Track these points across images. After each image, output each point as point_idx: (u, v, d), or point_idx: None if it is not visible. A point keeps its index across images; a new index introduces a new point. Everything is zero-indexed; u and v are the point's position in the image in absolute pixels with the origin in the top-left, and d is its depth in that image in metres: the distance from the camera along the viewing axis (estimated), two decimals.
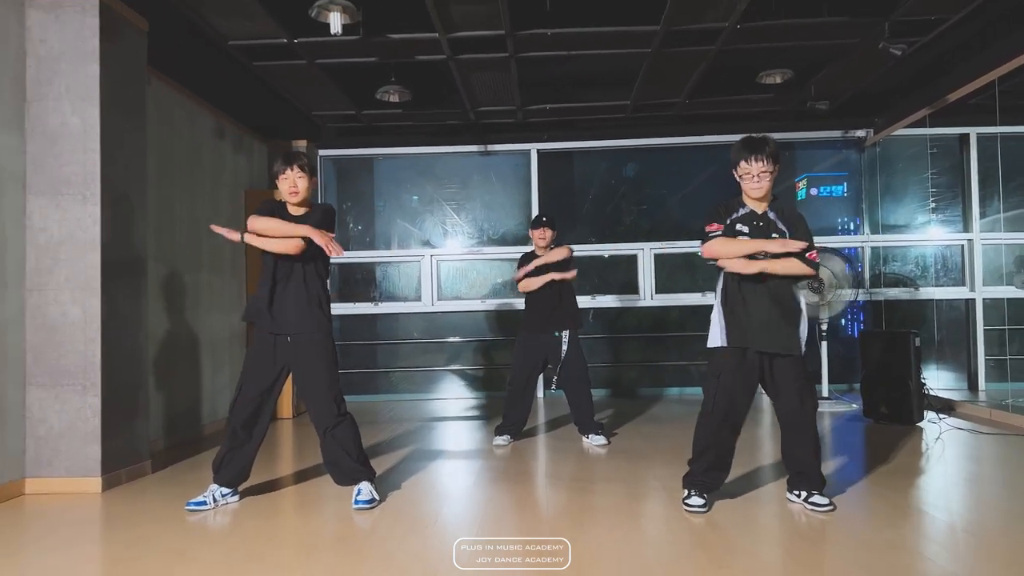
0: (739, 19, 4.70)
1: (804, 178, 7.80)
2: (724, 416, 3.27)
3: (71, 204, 3.94)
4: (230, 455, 3.55)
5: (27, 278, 3.92)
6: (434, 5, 4.42)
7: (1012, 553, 2.75)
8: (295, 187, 3.54)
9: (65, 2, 3.96)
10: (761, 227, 3.27)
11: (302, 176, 3.55)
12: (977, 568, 2.61)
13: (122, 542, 3.12)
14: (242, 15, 4.54)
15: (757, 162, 3.21)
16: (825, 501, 3.23)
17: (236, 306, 6.34)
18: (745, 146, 3.26)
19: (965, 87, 5.65)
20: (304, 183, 3.56)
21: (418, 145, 7.69)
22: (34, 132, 3.95)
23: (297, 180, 3.53)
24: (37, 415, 3.90)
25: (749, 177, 3.24)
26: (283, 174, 3.55)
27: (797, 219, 3.33)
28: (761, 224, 3.27)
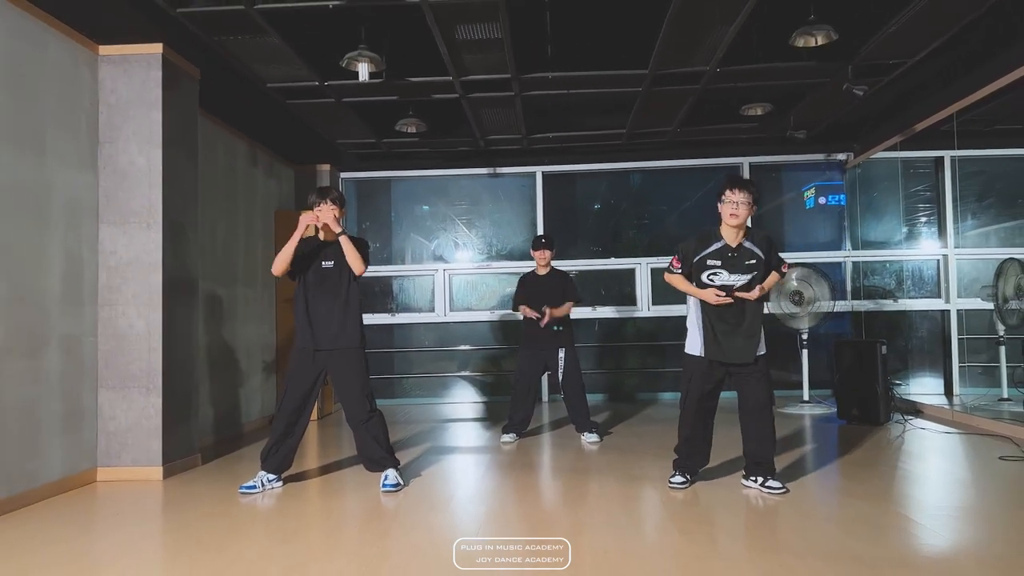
0: (719, 64, 5.30)
1: (812, 187, 8.34)
2: (696, 409, 3.88)
3: (137, 231, 4.58)
4: (276, 447, 4.14)
5: (99, 295, 4.56)
6: (448, 53, 5.04)
7: (934, 522, 3.31)
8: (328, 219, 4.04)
9: (132, 58, 4.62)
10: (734, 258, 3.75)
11: (334, 208, 4.04)
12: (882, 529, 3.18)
13: (183, 521, 3.68)
14: (281, 62, 5.18)
15: (740, 193, 3.68)
16: (779, 485, 3.79)
17: (267, 317, 6.99)
18: (731, 179, 3.77)
19: (928, 119, 6.25)
20: (335, 214, 4.05)
21: (432, 168, 8.32)
22: (106, 170, 4.60)
23: (330, 212, 4.02)
24: (107, 413, 4.54)
25: (732, 204, 3.68)
26: (317, 208, 4.02)
27: (769, 240, 3.85)
28: (734, 255, 3.75)
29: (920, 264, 8.18)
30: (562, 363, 5.46)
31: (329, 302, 4.07)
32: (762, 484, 3.82)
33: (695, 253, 3.82)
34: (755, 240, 3.82)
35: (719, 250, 3.78)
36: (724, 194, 3.73)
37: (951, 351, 7.93)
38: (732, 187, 3.71)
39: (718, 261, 3.76)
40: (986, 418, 5.85)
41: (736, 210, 3.69)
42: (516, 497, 3.95)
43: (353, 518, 3.65)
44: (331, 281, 4.08)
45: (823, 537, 3.16)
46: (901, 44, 5.04)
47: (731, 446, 4.44)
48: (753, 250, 3.78)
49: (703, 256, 3.79)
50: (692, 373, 3.89)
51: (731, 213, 3.70)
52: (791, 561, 2.79)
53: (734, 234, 3.78)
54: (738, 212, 3.69)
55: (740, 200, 3.68)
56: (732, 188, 3.70)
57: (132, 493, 4.25)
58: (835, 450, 5.07)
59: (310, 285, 4.10)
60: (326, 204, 4.04)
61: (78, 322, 4.40)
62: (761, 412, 3.82)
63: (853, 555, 2.87)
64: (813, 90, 6.02)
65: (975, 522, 3.45)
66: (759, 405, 3.81)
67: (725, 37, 4.83)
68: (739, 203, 3.68)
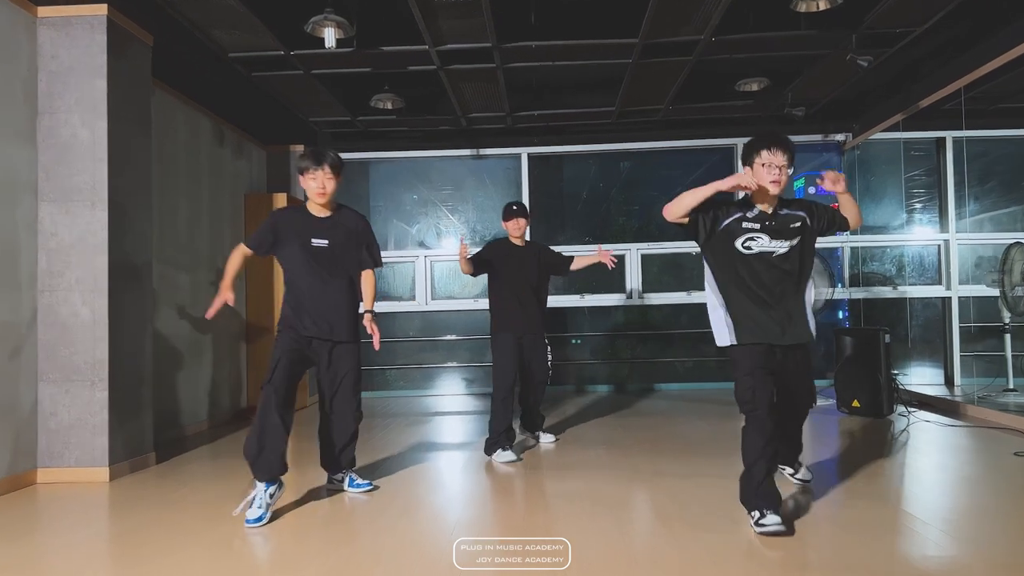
0: (713, 32, 4.94)
1: (802, 177, 7.99)
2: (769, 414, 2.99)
3: (80, 211, 4.19)
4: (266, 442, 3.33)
5: (39, 280, 4.17)
6: (423, 18, 4.66)
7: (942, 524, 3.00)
8: (323, 188, 3.47)
9: (74, 20, 4.21)
10: (773, 225, 3.07)
11: (331, 178, 3.48)
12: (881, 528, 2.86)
13: (128, 526, 3.36)
14: (241, 29, 4.78)
15: (780, 154, 2.99)
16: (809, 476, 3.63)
17: (236, 304, 6.58)
18: (765, 136, 3.05)
19: (934, 95, 5.91)
20: (333, 184, 3.50)
21: (412, 149, 7.93)
22: (46, 143, 4.19)
23: (327, 181, 3.47)
24: (48, 409, 4.15)
25: (770, 168, 2.98)
26: (311, 172, 3.44)
27: (812, 205, 3.18)
28: (773, 223, 3.07)
29: (920, 250, 7.88)
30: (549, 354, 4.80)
31: (323, 287, 3.54)
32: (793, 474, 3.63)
33: (719, 218, 3.08)
34: (792, 206, 3.15)
35: (757, 216, 3.08)
36: (760, 154, 3.00)
37: (952, 340, 7.65)
38: (770, 145, 2.99)
39: (756, 224, 3.06)
40: (993, 410, 5.54)
41: (778, 175, 2.99)
42: (516, 497, 3.84)
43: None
44: (325, 262, 3.54)
45: (827, 542, 2.84)
46: (910, 10, 4.69)
47: (725, 440, 4.13)
48: (793, 213, 3.11)
49: (735, 219, 3.07)
50: (751, 368, 3.02)
51: (772, 180, 2.99)
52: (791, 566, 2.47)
53: (770, 201, 3.09)
54: (780, 178, 3.00)
55: (781, 163, 2.99)
56: (770, 147, 2.98)
57: (75, 496, 3.88)
58: (837, 444, 4.76)
59: (298, 268, 3.54)
60: (322, 171, 3.45)
61: (14, 309, 4.00)
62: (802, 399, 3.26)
63: (862, 563, 2.55)
64: (813, 62, 5.67)
65: (991, 525, 3.13)
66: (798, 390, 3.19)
67: (721, 2, 4.47)
68: (781, 167, 2.99)
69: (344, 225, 3.61)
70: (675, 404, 6.72)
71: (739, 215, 3.08)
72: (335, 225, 3.57)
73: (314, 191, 3.49)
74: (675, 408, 6.49)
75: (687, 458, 4.42)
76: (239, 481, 3.90)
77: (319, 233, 3.55)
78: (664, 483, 3.82)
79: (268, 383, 3.41)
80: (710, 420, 5.81)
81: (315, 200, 3.54)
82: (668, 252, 7.86)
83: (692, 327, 7.88)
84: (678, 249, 7.80)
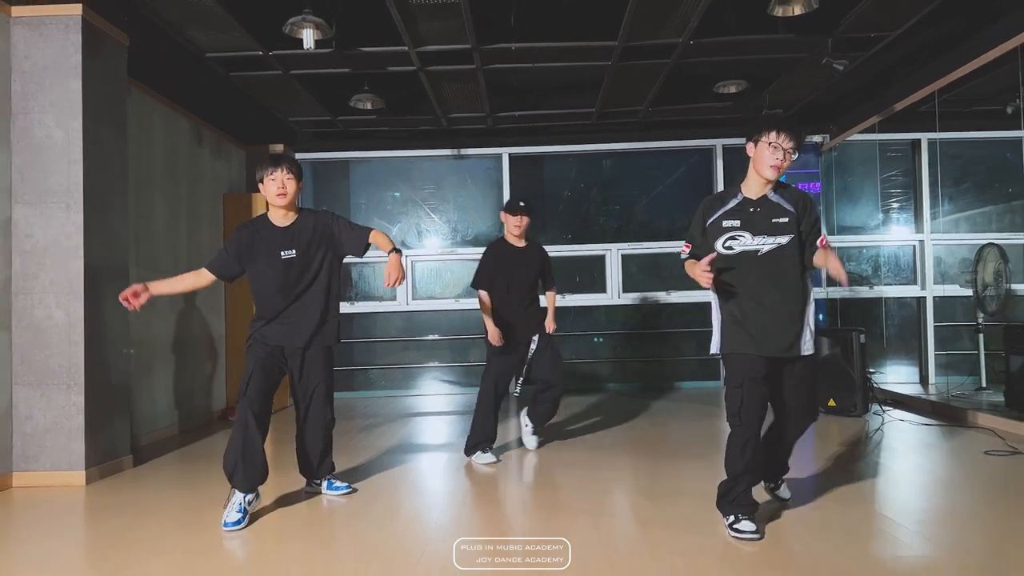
0: (691, 35, 4.98)
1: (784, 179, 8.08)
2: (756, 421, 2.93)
3: (55, 212, 4.15)
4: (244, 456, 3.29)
5: (13, 282, 4.13)
6: (402, 20, 4.65)
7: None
8: (283, 188, 3.38)
9: (48, 19, 4.17)
10: (756, 213, 2.94)
11: (290, 178, 3.40)
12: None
13: (103, 532, 3.35)
14: (218, 29, 4.74)
15: (787, 139, 2.87)
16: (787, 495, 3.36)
17: (216, 307, 6.55)
18: (774, 120, 2.97)
19: (908, 98, 5.99)
20: (293, 185, 3.41)
21: (393, 149, 7.91)
22: (19, 144, 4.15)
23: (286, 181, 3.39)
24: (23, 412, 4.11)
25: (775, 149, 2.86)
26: (270, 175, 3.38)
27: (805, 198, 3.00)
28: (757, 210, 2.94)
29: (896, 250, 7.98)
30: (534, 344, 4.50)
31: (295, 299, 3.44)
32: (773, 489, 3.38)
33: (705, 219, 3.01)
34: (786, 194, 2.98)
35: (737, 207, 2.96)
36: (768, 133, 2.88)
37: (927, 339, 7.76)
38: (780, 129, 2.87)
39: (736, 221, 2.93)
40: (966, 408, 5.63)
41: (781, 160, 2.87)
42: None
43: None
44: (295, 273, 3.41)
45: (800, 543, 2.89)
46: (885, 15, 4.75)
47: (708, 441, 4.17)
48: (781, 204, 2.94)
49: (716, 218, 2.98)
50: (742, 378, 2.93)
51: (772, 165, 2.88)
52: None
53: (760, 185, 2.97)
54: (782, 163, 2.88)
55: (787, 147, 2.86)
56: (780, 130, 2.87)
57: (50, 500, 3.85)
58: (812, 444, 4.81)
59: (268, 282, 3.42)
60: (280, 171, 3.37)
61: None
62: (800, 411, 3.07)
63: (833, 562, 2.59)
64: (791, 66, 5.72)
65: (962, 525, 3.19)
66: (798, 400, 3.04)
67: (699, 5, 4.50)
68: (785, 150, 2.86)
69: (306, 228, 3.47)
70: (655, 403, 6.76)
71: (719, 213, 2.97)
72: (300, 231, 3.45)
73: (274, 193, 3.38)
74: (657, 407, 6.53)
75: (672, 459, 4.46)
76: (216, 486, 3.81)
77: (285, 244, 3.42)
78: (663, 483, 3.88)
79: (243, 396, 3.36)
80: (688, 419, 5.87)
81: (276, 204, 3.41)
82: (647, 252, 7.91)
83: (672, 327, 7.94)
84: (658, 250, 7.86)
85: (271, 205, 3.47)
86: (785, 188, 3.03)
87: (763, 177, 2.93)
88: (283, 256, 3.42)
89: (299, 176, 3.46)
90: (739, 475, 2.94)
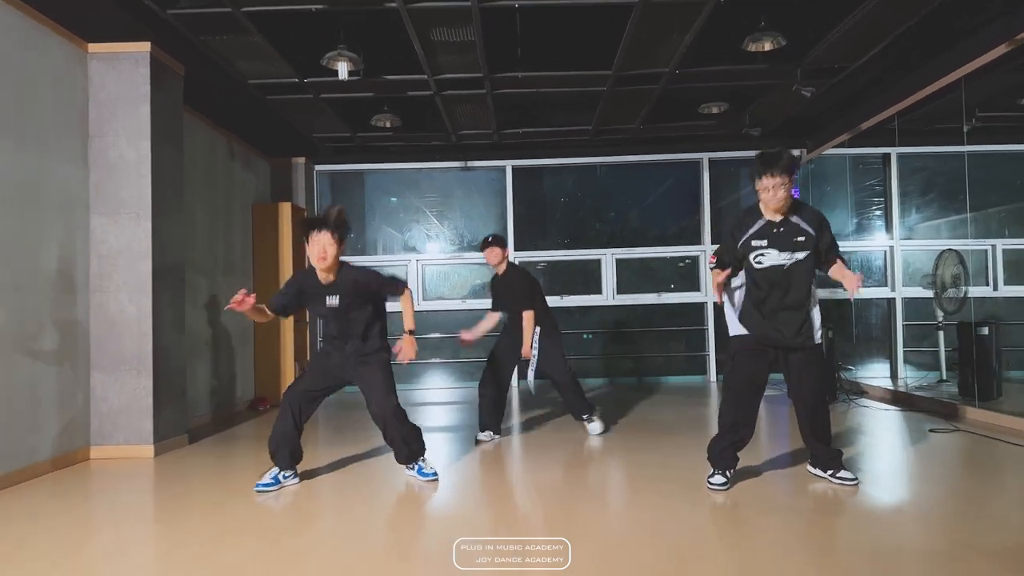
0: (677, 66, 5.66)
1: None
2: (739, 392, 3.58)
3: (127, 221, 4.80)
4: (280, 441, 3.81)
5: (91, 282, 4.78)
6: (424, 54, 5.32)
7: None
8: (324, 253, 3.52)
9: (121, 55, 4.83)
10: (780, 233, 3.45)
11: (332, 243, 3.51)
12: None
13: (172, 495, 3.97)
14: (263, 60, 5.41)
15: (773, 176, 3.36)
16: (850, 476, 3.65)
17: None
18: (762, 162, 3.40)
19: (872, 119, 6.69)
20: (334, 250, 3.52)
21: (405, 161, 8.58)
22: (96, 163, 4.81)
23: (327, 247, 3.51)
24: (100, 394, 4.76)
25: (765, 190, 3.39)
26: (314, 237, 3.50)
27: (821, 219, 3.50)
28: (780, 230, 3.45)
29: (868, 255, 8.67)
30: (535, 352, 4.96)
31: (344, 334, 3.79)
32: (832, 475, 3.70)
33: (736, 240, 3.56)
34: (804, 215, 3.49)
35: (763, 228, 3.49)
36: (759, 180, 3.42)
37: (896, 337, 8.45)
38: (764, 172, 3.39)
39: (763, 240, 3.47)
40: (922, 396, 6.31)
41: (774, 196, 3.39)
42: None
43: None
44: (342, 317, 3.72)
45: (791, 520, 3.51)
46: (845, 49, 5.44)
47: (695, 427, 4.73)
48: (800, 225, 3.45)
49: (747, 238, 3.52)
50: (735, 352, 3.65)
51: (773, 207, 3.44)
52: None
53: (775, 213, 3.48)
54: (777, 196, 3.39)
55: (776, 183, 3.37)
56: (764, 173, 3.38)
57: (125, 470, 4.48)
58: (785, 426, 5.48)
59: (319, 315, 3.83)
60: (323, 236, 3.50)
61: (72, 308, 4.61)
62: (808, 395, 3.62)
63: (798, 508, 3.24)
64: (765, 91, 6.41)
65: (899, 490, 3.87)
66: (804, 387, 3.60)
67: (682, 43, 5.18)
68: (776, 186, 3.37)
69: (348, 284, 3.68)
70: (648, 398, 7.42)
71: (749, 233, 3.51)
72: (342, 286, 3.67)
73: (316, 257, 3.52)
74: (650, 401, 7.18)
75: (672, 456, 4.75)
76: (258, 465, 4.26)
77: (330, 293, 3.69)
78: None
79: (289, 391, 3.88)
80: (679, 409, 6.52)
81: (317, 266, 3.58)
82: (640, 257, 8.59)
83: (663, 326, 8.62)
84: (650, 255, 8.55)
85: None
86: (802, 208, 3.54)
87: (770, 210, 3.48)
88: (328, 303, 3.71)
89: (342, 239, 3.55)
90: (720, 435, 3.65)
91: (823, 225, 3.49)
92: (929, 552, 2.79)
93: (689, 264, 8.63)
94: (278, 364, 7.40)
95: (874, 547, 2.80)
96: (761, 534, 3.03)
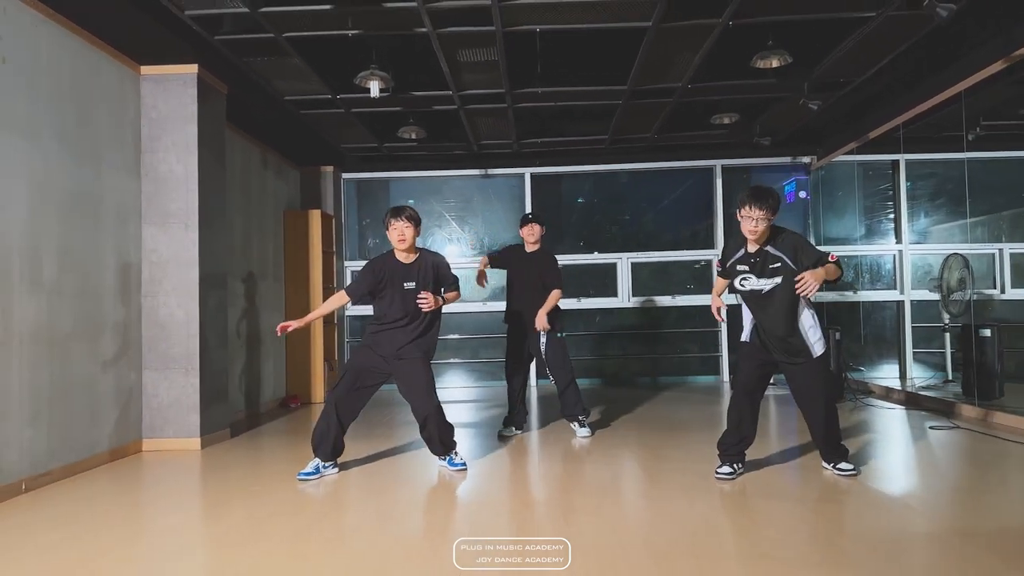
0: (689, 81, 5.96)
1: (793, 181, 9.01)
2: (742, 394, 3.98)
3: (176, 231, 5.18)
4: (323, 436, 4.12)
5: (143, 287, 5.15)
6: (450, 72, 5.66)
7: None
8: (403, 236, 4.10)
9: (171, 77, 5.20)
10: (757, 262, 3.79)
11: (408, 227, 4.11)
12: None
13: (219, 483, 4.32)
14: (300, 79, 5.78)
15: (757, 209, 3.63)
16: (849, 467, 3.97)
17: (278, 307, 7.58)
18: (751, 193, 3.67)
19: (879, 129, 6.96)
20: (411, 232, 4.12)
21: (428, 169, 8.93)
22: (148, 177, 5.18)
23: (404, 230, 4.10)
24: (151, 391, 5.14)
25: (748, 219, 3.67)
26: (393, 224, 4.10)
27: (796, 242, 3.75)
28: (757, 259, 3.79)
29: (878, 259, 8.90)
30: (543, 347, 5.24)
31: (407, 321, 4.17)
32: (833, 466, 4.02)
33: (727, 258, 3.95)
34: (779, 244, 3.76)
35: (743, 256, 3.85)
36: (742, 210, 3.71)
37: (905, 338, 8.68)
38: (749, 203, 3.66)
39: (745, 267, 3.84)
40: (929, 396, 6.57)
41: (755, 227, 3.69)
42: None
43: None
44: (412, 300, 4.14)
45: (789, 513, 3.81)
46: (849, 65, 5.72)
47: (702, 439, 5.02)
48: (773, 253, 3.76)
49: (733, 262, 3.89)
50: (741, 357, 4.12)
51: (750, 230, 3.72)
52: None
53: (752, 242, 3.80)
54: (756, 228, 3.69)
55: (758, 216, 3.65)
56: (749, 205, 3.66)
57: (176, 460, 4.85)
58: (794, 424, 5.76)
59: (388, 306, 4.18)
60: (401, 222, 4.09)
61: (127, 311, 4.99)
62: (810, 402, 3.94)
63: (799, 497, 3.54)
64: (774, 103, 6.70)
65: (902, 472, 4.16)
66: (805, 396, 3.94)
67: (694, 61, 5.49)
68: (757, 219, 3.66)
69: (424, 266, 4.21)
70: (659, 396, 7.72)
71: (735, 257, 3.87)
72: (419, 268, 4.19)
73: (396, 239, 4.13)
74: (661, 399, 7.48)
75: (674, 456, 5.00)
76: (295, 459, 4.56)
77: (408, 276, 4.17)
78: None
79: (334, 390, 4.21)
80: (696, 406, 6.81)
81: (398, 247, 4.17)
82: (655, 261, 8.89)
83: (677, 327, 8.92)
84: (665, 258, 8.84)
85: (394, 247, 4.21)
86: (778, 236, 3.78)
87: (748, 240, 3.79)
88: (405, 287, 4.17)
89: (417, 224, 4.16)
90: (727, 431, 4.04)
91: (799, 247, 3.73)
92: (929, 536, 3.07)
93: (704, 266, 8.92)
94: (308, 364, 7.78)
95: (877, 534, 3.00)
96: (768, 521, 3.21)
